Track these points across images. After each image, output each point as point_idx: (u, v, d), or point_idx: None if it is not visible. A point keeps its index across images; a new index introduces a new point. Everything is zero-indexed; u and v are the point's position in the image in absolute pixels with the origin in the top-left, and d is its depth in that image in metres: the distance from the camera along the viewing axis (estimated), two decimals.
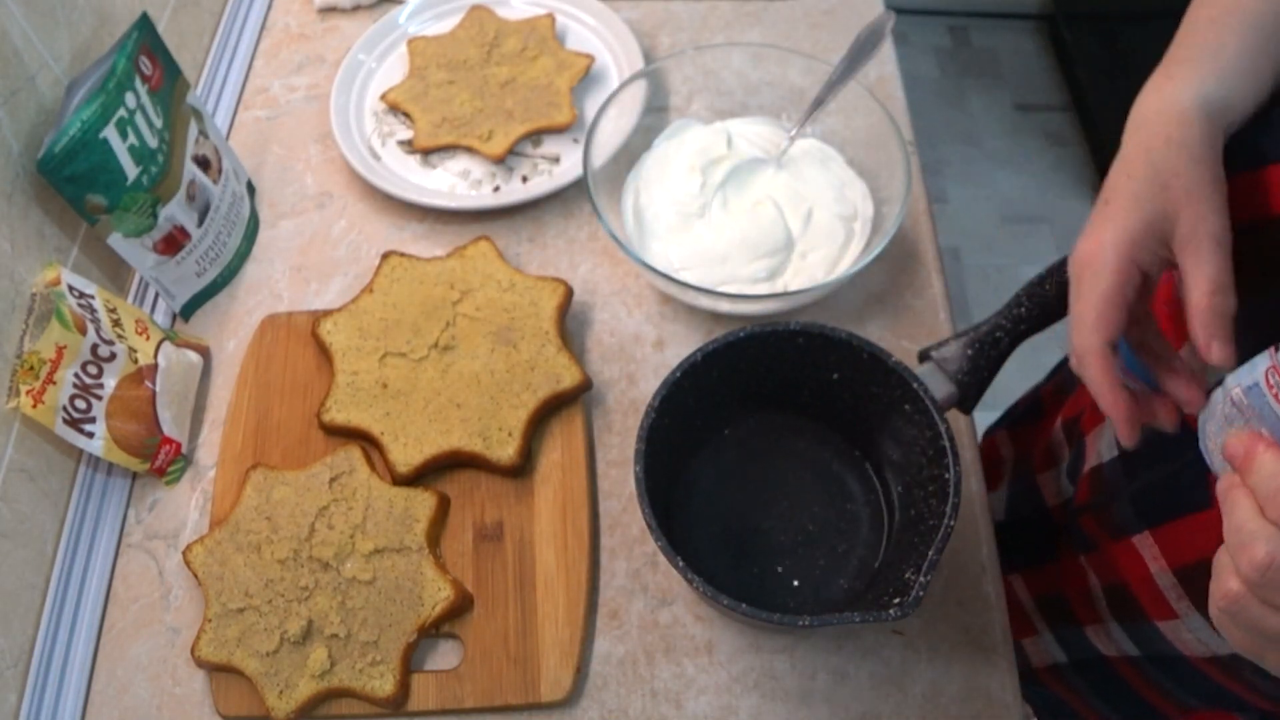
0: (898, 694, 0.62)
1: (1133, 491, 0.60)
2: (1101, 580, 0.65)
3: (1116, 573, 0.62)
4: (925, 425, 0.57)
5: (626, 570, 0.67)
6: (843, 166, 0.79)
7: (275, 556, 0.64)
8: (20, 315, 0.63)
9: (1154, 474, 0.58)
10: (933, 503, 0.56)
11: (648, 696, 0.63)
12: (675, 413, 0.60)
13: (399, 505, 0.66)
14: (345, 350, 0.71)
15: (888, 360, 0.58)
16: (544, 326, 0.71)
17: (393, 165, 0.86)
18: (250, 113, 0.91)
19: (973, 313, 1.87)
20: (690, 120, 0.83)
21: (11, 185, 0.63)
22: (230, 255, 0.80)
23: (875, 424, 0.62)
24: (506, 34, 0.90)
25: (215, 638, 0.62)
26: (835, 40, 0.92)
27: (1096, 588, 0.66)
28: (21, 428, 0.63)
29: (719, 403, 0.63)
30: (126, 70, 0.66)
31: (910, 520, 0.59)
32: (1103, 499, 0.63)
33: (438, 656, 0.64)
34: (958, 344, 0.59)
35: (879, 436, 0.62)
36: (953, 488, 0.54)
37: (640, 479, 0.56)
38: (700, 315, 0.77)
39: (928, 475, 0.57)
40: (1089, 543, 0.66)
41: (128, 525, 0.70)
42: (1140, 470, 0.60)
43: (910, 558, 0.55)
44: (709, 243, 0.74)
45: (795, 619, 0.51)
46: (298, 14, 0.98)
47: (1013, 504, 0.81)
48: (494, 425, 0.68)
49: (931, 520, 0.55)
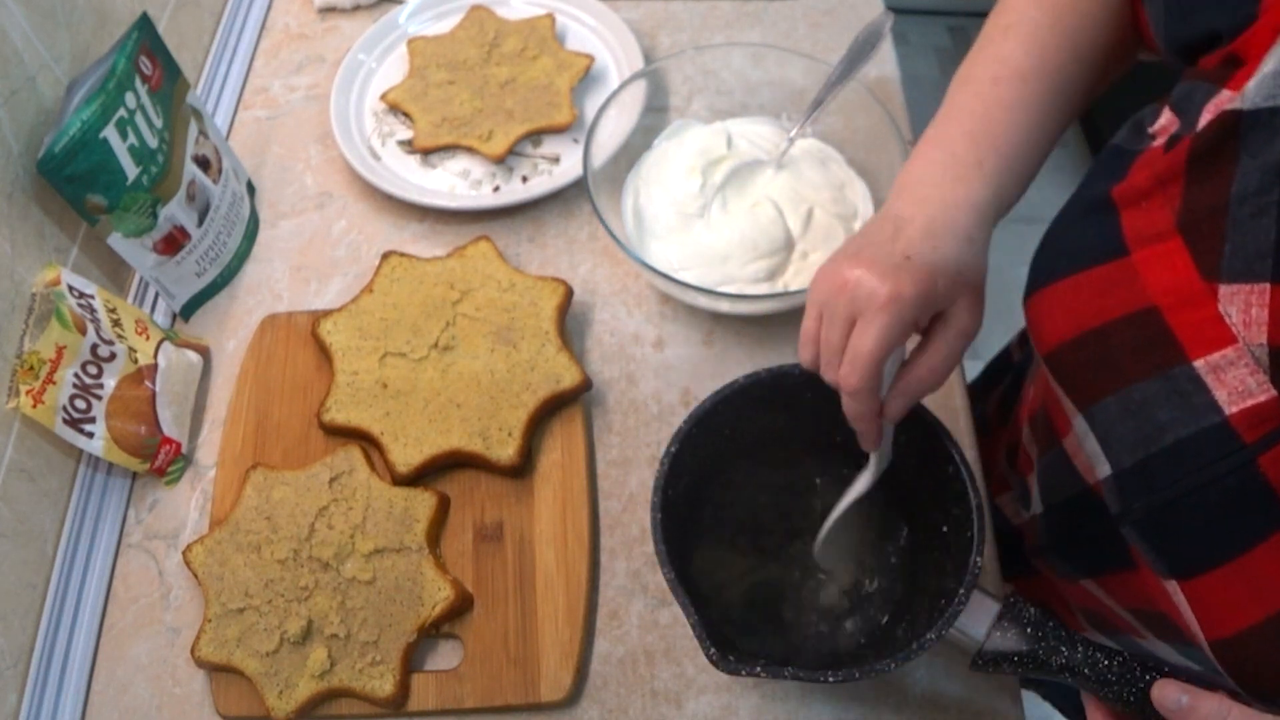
0: (898, 695, 0.62)
1: (1060, 548, 0.62)
2: (1074, 603, 0.65)
3: (1084, 602, 0.63)
4: (946, 459, 0.57)
5: (626, 570, 0.67)
6: (843, 166, 0.79)
7: (275, 556, 0.64)
8: (20, 315, 0.63)
9: (1074, 534, 0.59)
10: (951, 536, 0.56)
11: (648, 696, 0.63)
12: (696, 450, 0.59)
13: (399, 505, 0.66)
14: (345, 350, 0.71)
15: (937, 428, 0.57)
16: (544, 326, 0.71)
17: (393, 165, 0.86)
18: (250, 113, 0.91)
19: None
20: (690, 120, 0.83)
21: (11, 185, 0.63)
22: (230, 255, 0.80)
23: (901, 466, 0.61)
24: (506, 34, 0.90)
25: (215, 638, 0.62)
26: (835, 40, 0.92)
27: (1073, 606, 0.66)
28: (21, 428, 0.63)
29: (740, 442, 0.62)
30: (126, 70, 0.66)
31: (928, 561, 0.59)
32: (1042, 547, 0.65)
33: (438, 656, 0.64)
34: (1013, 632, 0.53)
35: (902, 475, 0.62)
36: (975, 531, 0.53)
37: (657, 521, 0.55)
38: (700, 315, 0.77)
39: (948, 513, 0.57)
40: (1051, 576, 0.67)
41: (128, 525, 0.70)
42: (1059, 529, 0.61)
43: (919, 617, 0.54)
44: (709, 243, 0.74)
45: (819, 674, 0.51)
46: (298, 14, 0.98)
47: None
48: (494, 425, 0.67)
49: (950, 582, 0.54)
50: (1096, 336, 0.46)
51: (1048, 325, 0.49)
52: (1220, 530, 0.42)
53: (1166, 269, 0.43)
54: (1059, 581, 0.65)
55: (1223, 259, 0.40)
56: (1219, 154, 0.41)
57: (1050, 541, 0.63)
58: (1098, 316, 0.45)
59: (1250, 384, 0.40)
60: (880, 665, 0.50)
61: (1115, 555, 0.53)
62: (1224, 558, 0.42)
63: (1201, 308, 0.41)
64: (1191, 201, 0.42)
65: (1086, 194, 0.48)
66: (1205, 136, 0.41)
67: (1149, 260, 0.43)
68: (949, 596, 0.52)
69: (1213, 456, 0.41)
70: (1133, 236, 0.44)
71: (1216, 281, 0.40)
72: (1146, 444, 0.44)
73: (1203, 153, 0.42)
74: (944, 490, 0.57)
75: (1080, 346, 0.47)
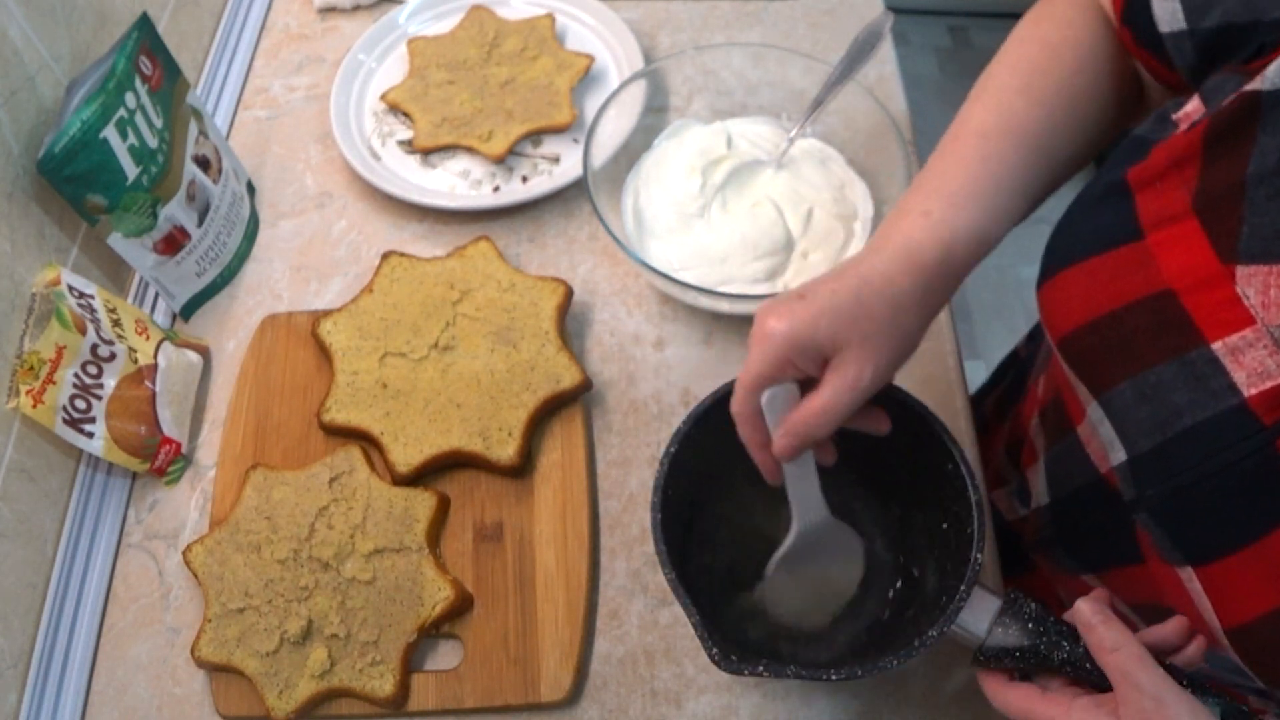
0: (898, 693, 0.62)
1: (1065, 541, 0.61)
2: (1069, 598, 0.65)
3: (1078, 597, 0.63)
4: (946, 456, 0.56)
5: (626, 570, 0.67)
6: (843, 166, 0.79)
7: (275, 556, 0.64)
8: (20, 315, 0.63)
9: (1080, 526, 0.59)
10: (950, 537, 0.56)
11: (648, 696, 0.63)
12: (695, 449, 0.59)
13: (399, 505, 0.66)
14: (345, 350, 0.71)
15: (935, 424, 0.57)
16: (544, 326, 0.71)
17: (393, 165, 0.86)
18: (250, 113, 0.91)
19: (973, 313, 1.87)
20: (690, 120, 0.83)
21: (11, 185, 0.63)
22: (230, 255, 0.80)
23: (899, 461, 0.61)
24: (506, 34, 0.90)
25: (215, 638, 0.62)
26: (835, 40, 0.92)
27: (1068, 603, 0.66)
28: (21, 428, 0.63)
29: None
30: (126, 70, 0.66)
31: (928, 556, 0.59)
32: (1045, 541, 0.64)
33: (438, 656, 0.64)
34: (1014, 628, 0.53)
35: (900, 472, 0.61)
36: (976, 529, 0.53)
37: (657, 521, 0.55)
38: (700, 315, 0.77)
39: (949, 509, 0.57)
40: (1049, 572, 0.67)
41: (128, 525, 0.70)
42: (1065, 521, 0.60)
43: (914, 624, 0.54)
44: (709, 243, 0.74)
45: (820, 672, 0.50)
46: (298, 14, 0.98)
47: None
48: (494, 425, 0.67)
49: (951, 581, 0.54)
50: (1111, 321, 0.45)
51: (1061, 311, 0.48)
52: (1238, 514, 0.42)
53: (1182, 251, 0.42)
54: (1057, 578, 0.65)
55: (1240, 240, 0.40)
56: (1236, 134, 0.40)
57: (1055, 535, 0.62)
58: (1112, 301, 0.45)
59: (1269, 365, 0.40)
60: (883, 663, 0.50)
61: (1122, 549, 0.53)
62: (1241, 542, 0.42)
63: (1219, 289, 0.41)
64: (1208, 182, 0.42)
65: (1102, 180, 0.48)
66: (1223, 117, 0.41)
67: (1164, 242, 0.43)
68: (950, 593, 0.52)
69: (1231, 439, 0.41)
70: (1148, 219, 0.44)
71: (1234, 263, 0.40)
72: (1163, 428, 0.44)
73: (1220, 133, 0.41)
74: (944, 488, 0.57)
75: (1094, 331, 0.46)
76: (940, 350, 0.75)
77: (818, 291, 0.48)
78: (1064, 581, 0.64)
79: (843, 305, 0.48)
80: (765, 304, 0.50)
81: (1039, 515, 0.64)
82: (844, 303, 0.48)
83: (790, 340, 0.47)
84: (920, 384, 0.72)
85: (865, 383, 0.48)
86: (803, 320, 0.47)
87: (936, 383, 0.73)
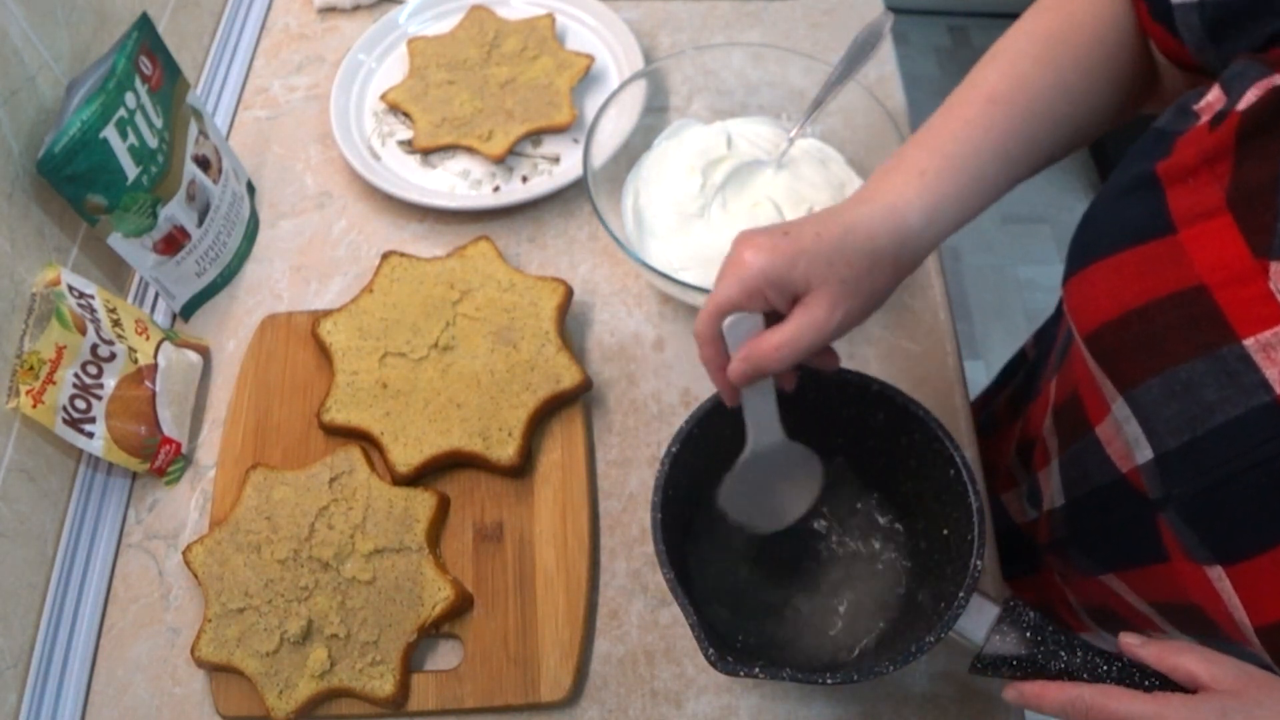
0: (897, 696, 0.62)
1: (1082, 541, 0.61)
2: (1079, 600, 0.65)
3: (1093, 599, 0.62)
4: (948, 461, 0.57)
5: (626, 570, 0.67)
6: (843, 166, 0.79)
7: (275, 556, 0.64)
8: (20, 315, 0.63)
9: (1097, 525, 0.58)
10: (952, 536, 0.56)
11: (648, 696, 0.63)
12: (697, 449, 0.59)
13: (399, 505, 0.66)
14: (345, 350, 0.71)
15: (931, 423, 0.57)
16: (544, 326, 0.71)
17: (393, 165, 0.86)
18: (250, 113, 0.91)
19: (973, 313, 1.87)
20: (690, 120, 0.83)
21: (11, 185, 0.63)
22: (230, 255, 0.80)
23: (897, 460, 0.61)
24: (506, 34, 0.90)
25: (215, 638, 0.62)
26: (835, 40, 0.92)
27: (1077, 605, 0.66)
28: (21, 428, 0.63)
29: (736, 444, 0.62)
30: (126, 70, 0.66)
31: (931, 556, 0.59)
32: (1060, 542, 0.64)
33: (438, 656, 0.64)
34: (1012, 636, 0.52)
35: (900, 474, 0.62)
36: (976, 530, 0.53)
37: (657, 521, 0.55)
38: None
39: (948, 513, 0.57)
40: (1060, 573, 0.66)
41: (128, 525, 0.70)
42: (1081, 523, 0.60)
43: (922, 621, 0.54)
44: (709, 243, 0.74)
45: (819, 676, 0.51)
46: (298, 14, 0.98)
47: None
48: (494, 425, 0.67)
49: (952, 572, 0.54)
50: (1140, 316, 0.45)
51: (1089, 306, 0.48)
52: (1269, 512, 0.41)
53: (1215, 246, 0.42)
54: (1069, 579, 0.65)
55: (1275, 235, 0.40)
56: (1270, 130, 0.40)
57: (1070, 536, 0.62)
58: (1141, 295, 0.45)
59: None
60: (879, 667, 0.50)
61: (1145, 548, 0.52)
62: (1272, 541, 0.41)
63: (1251, 285, 0.40)
64: (1242, 178, 0.41)
65: (1128, 173, 0.47)
66: (1255, 113, 0.41)
67: (1197, 238, 0.43)
68: (948, 599, 0.52)
69: (1263, 437, 0.41)
70: (1180, 214, 0.44)
71: (1267, 259, 0.40)
72: (1193, 425, 0.43)
73: (1253, 129, 0.41)
74: (945, 493, 0.57)
75: (1123, 327, 0.46)
76: (940, 350, 0.75)
77: (802, 231, 0.49)
78: (1077, 582, 0.64)
79: (824, 249, 0.48)
80: (745, 232, 0.50)
81: (1052, 517, 0.64)
82: (826, 247, 0.48)
83: (766, 273, 0.48)
84: (920, 384, 0.72)
85: (832, 326, 0.49)
86: (784, 255, 0.48)
87: (936, 382, 0.73)
